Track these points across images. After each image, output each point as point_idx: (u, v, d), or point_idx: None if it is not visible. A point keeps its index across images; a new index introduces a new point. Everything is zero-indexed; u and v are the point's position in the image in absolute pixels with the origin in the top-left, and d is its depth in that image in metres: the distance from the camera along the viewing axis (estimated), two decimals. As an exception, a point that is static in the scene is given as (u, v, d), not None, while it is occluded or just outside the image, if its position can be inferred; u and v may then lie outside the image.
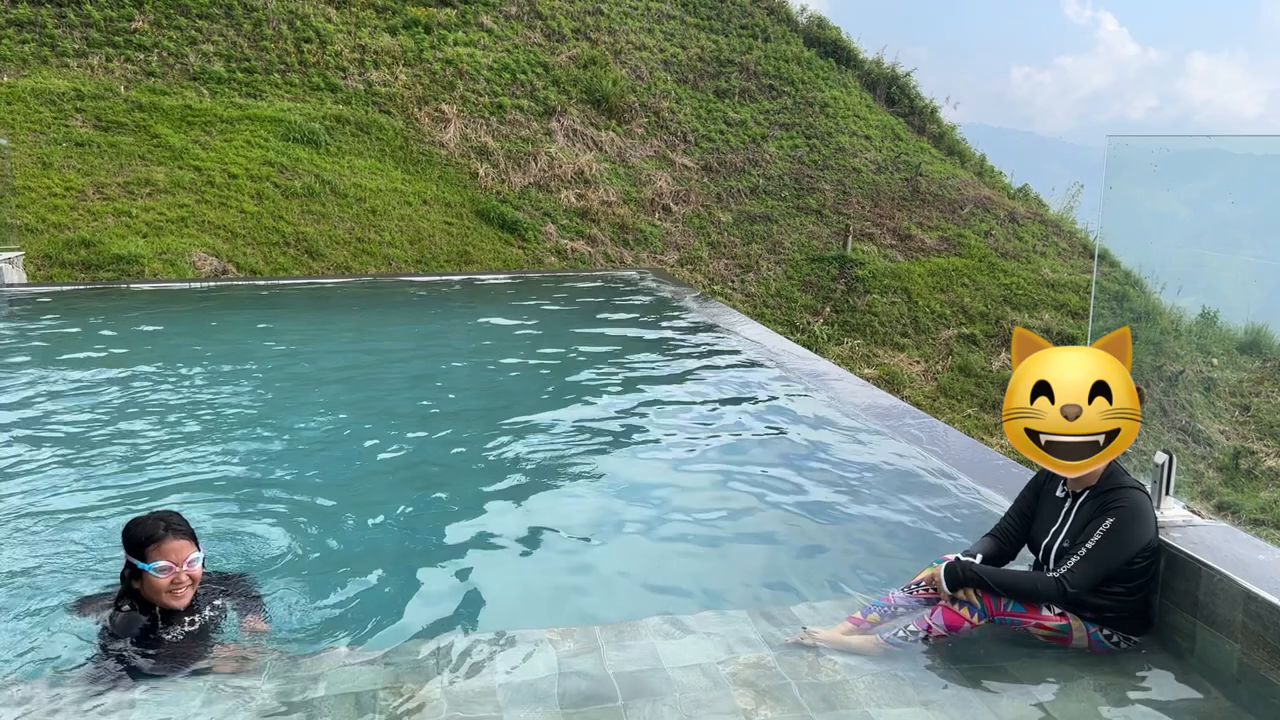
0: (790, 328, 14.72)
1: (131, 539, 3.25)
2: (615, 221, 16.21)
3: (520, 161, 16.55)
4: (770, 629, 3.52)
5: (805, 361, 7.89)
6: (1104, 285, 13.42)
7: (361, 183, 14.75)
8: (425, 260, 13.88)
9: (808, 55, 21.21)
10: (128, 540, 3.26)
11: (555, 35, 19.40)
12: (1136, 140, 4.84)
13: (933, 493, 4.93)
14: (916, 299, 15.59)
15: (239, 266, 12.53)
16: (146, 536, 3.22)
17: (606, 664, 3.27)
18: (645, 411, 6.49)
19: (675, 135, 18.56)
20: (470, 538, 4.43)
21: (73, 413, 6.16)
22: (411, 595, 3.87)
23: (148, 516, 3.36)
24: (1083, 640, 3.31)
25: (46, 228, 12.23)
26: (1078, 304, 15.78)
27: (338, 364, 7.89)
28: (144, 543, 3.22)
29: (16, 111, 14.03)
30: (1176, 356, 13.54)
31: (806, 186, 18.20)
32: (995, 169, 21.57)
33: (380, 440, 5.84)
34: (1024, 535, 3.57)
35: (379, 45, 17.60)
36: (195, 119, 15.00)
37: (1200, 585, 3.25)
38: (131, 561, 3.24)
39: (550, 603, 3.81)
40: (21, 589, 3.80)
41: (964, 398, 13.74)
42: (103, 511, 4.57)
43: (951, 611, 3.30)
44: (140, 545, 3.22)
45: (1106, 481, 3.34)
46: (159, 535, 3.22)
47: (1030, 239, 17.98)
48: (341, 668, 3.25)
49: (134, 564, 3.22)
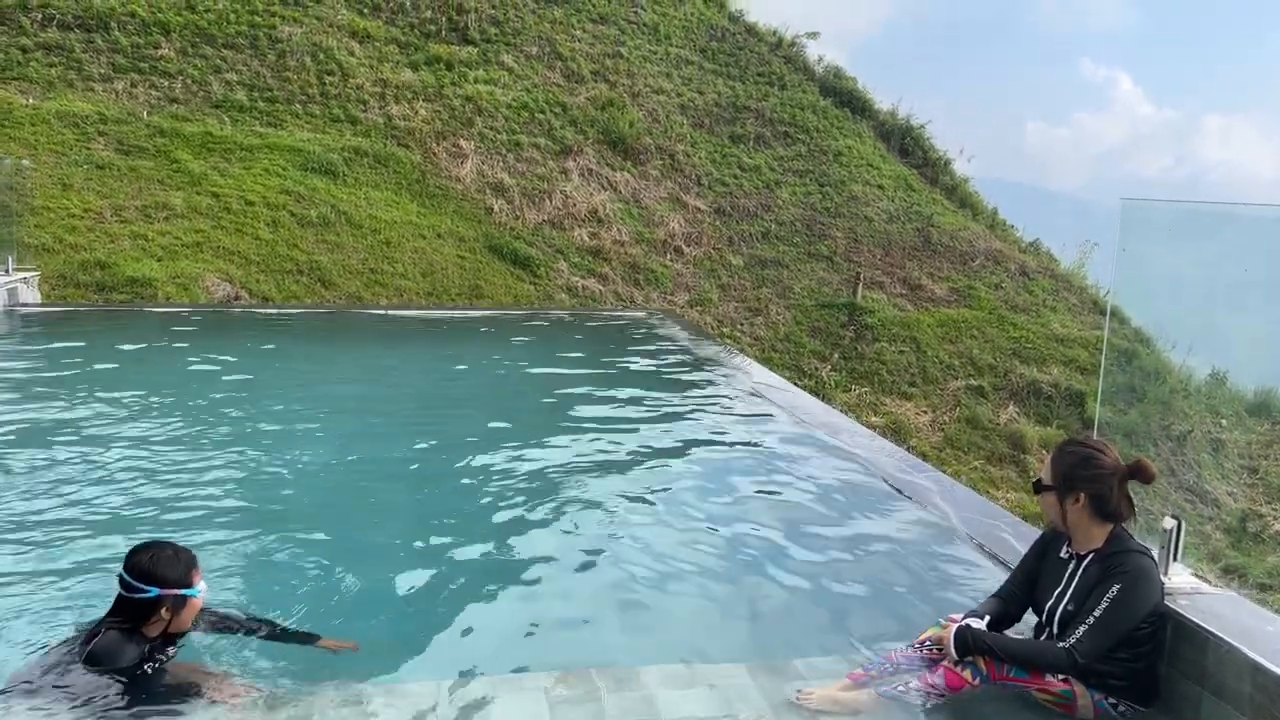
0: (798, 373, 14.70)
1: (172, 573, 3.22)
2: (627, 261, 16.28)
3: (535, 199, 16.67)
4: (769, 684, 3.48)
5: (815, 411, 7.86)
6: (1114, 343, 13.39)
7: (377, 214, 14.86)
8: (436, 293, 13.94)
9: (823, 104, 21.39)
10: (167, 576, 3.22)
11: (574, 76, 19.62)
12: (1150, 203, 4.86)
13: (939, 547, 4.88)
14: (925, 349, 15.58)
15: (251, 293, 12.59)
16: (189, 563, 3.28)
17: (604, 713, 3.23)
18: (653, 456, 6.46)
19: (689, 178, 18.69)
20: (467, 579, 4.39)
21: (66, 433, 6.15)
22: (405, 636, 3.83)
23: (164, 547, 3.31)
24: (1087, 709, 3.25)
25: (63, 248, 12.33)
26: (1087, 360, 15.75)
27: (342, 395, 7.89)
28: (188, 570, 3.27)
29: (40, 133, 14.21)
30: (1185, 416, 13.47)
31: (818, 233, 18.28)
32: (1007, 222, 21.62)
33: (377, 477, 5.82)
34: (1029, 597, 3.53)
35: (400, 80, 17.82)
36: (215, 146, 15.17)
37: (1208, 655, 3.20)
38: (174, 593, 3.21)
39: (547, 647, 3.78)
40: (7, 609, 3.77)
41: (971, 450, 13.67)
42: (92, 534, 4.56)
43: (954, 673, 3.25)
44: (185, 574, 3.25)
45: (1112, 544, 3.31)
46: (193, 559, 3.31)
47: (1040, 293, 18.00)
48: (334, 710, 3.21)
49: (178, 593, 3.21)
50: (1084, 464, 3.33)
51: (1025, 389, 14.98)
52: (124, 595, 3.22)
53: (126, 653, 3.16)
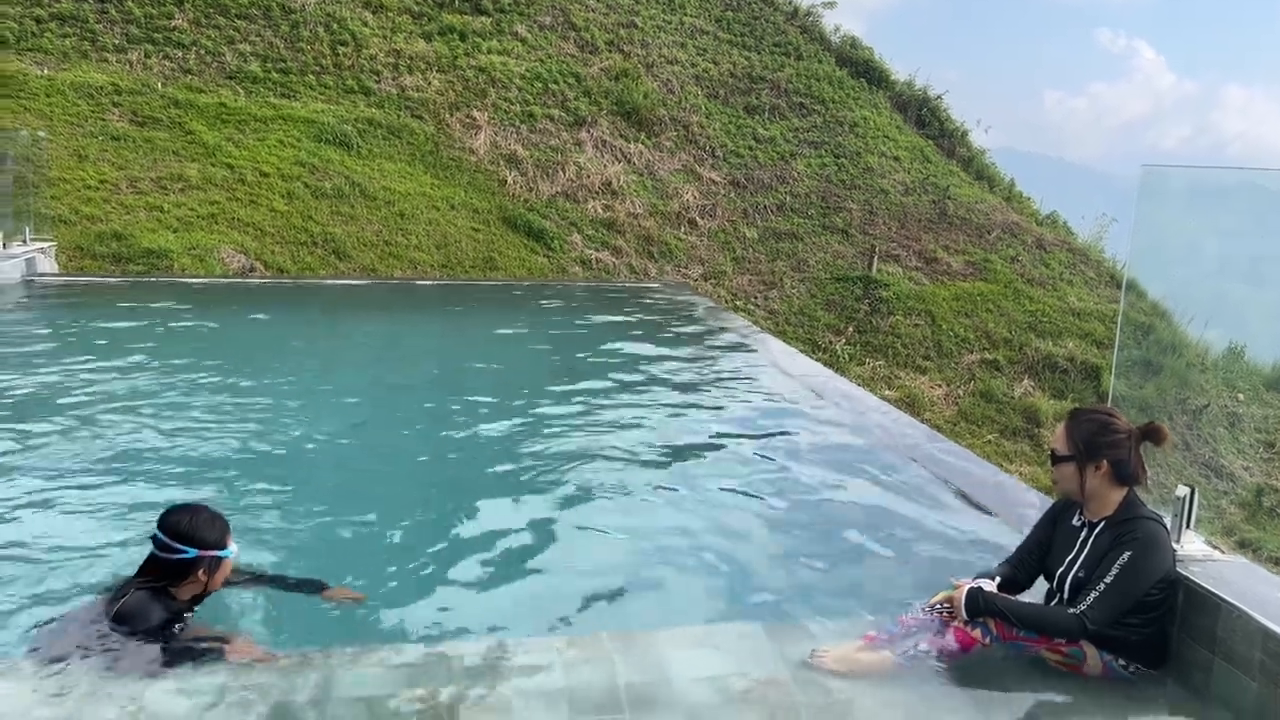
0: (812, 346, 14.67)
1: (210, 534, 3.30)
2: (640, 233, 16.24)
3: (549, 170, 16.62)
4: (783, 645, 3.50)
5: (829, 382, 7.86)
6: (1130, 316, 13.32)
7: (391, 186, 14.86)
8: (450, 265, 13.95)
9: (839, 75, 21.20)
10: (206, 537, 3.29)
11: (588, 46, 19.50)
12: (1170, 170, 4.81)
13: (952, 517, 4.90)
14: (940, 322, 15.51)
15: (267, 264, 12.63)
16: (224, 526, 3.37)
17: (617, 674, 3.27)
18: (666, 423, 6.49)
19: (704, 150, 18.59)
20: (484, 544, 4.43)
21: (87, 404, 6.21)
22: (422, 600, 3.87)
23: (199, 510, 3.38)
24: (1096, 667, 3.27)
25: (79, 219, 12.38)
26: (1103, 333, 15.66)
27: (363, 361, 7.94)
28: (224, 533, 3.35)
29: (55, 104, 14.23)
30: (1202, 390, 13.39)
31: (833, 205, 18.17)
32: (1024, 194, 21.44)
33: (396, 444, 5.87)
34: (1040, 565, 3.54)
35: (413, 50, 17.75)
36: (229, 117, 15.16)
37: (1219, 621, 3.21)
38: (212, 555, 3.29)
39: (561, 611, 3.81)
40: (29, 574, 3.83)
41: (985, 423, 13.64)
42: (118, 498, 4.62)
43: (964, 632, 3.27)
44: (221, 535, 3.34)
45: (1123, 511, 3.32)
46: (226, 522, 3.40)
47: (1057, 266, 17.87)
48: (351, 670, 3.26)
49: (215, 554, 3.30)
50: (1102, 431, 3.33)
51: (1040, 363, 14.91)
52: (158, 555, 3.27)
53: (153, 613, 3.21)
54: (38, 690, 3.00)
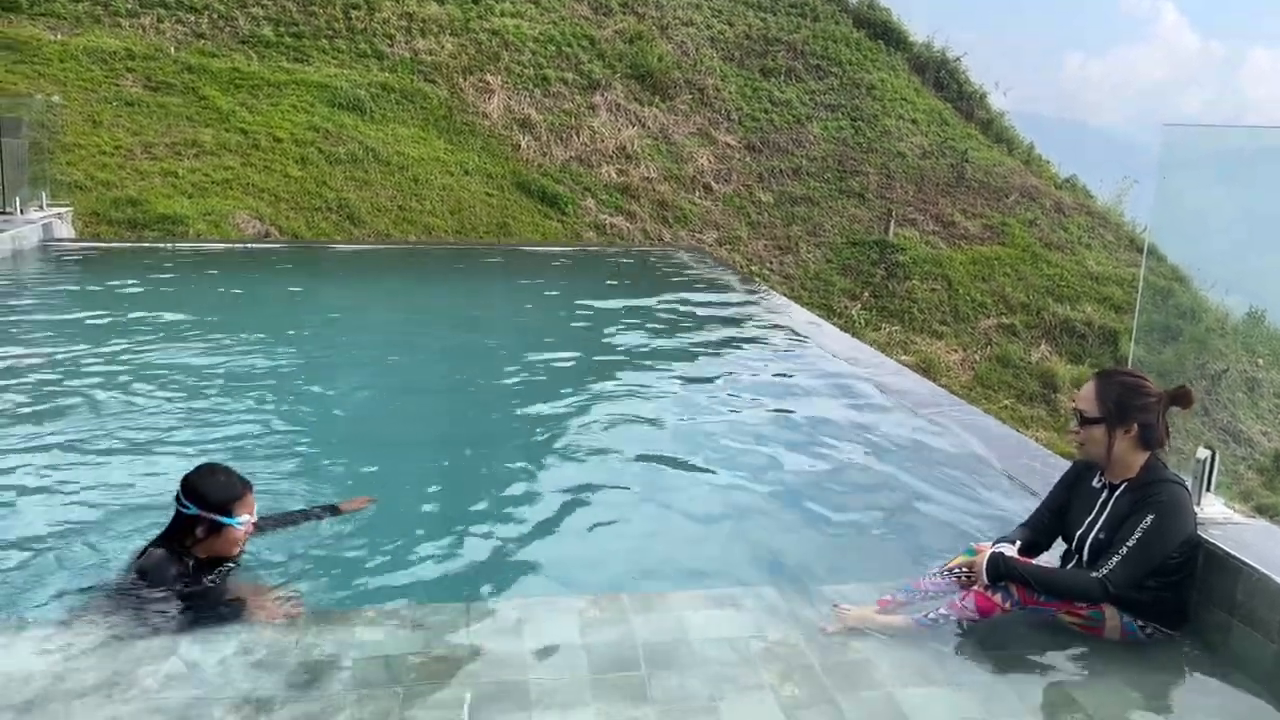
0: (828, 311, 14.61)
1: (214, 495, 3.30)
2: (655, 198, 16.16)
3: (562, 135, 16.52)
4: (800, 607, 3.52)
5: (845, 346, 7.84)
6: (1150, 280, 13.18)
7: (404, 151, 14.80)
8: (464, 230, 13.93)
9: (856, 36, 20.94)
10: (207, 497, 3.29)
11: (602, 9, 19.30)
12: (1192, 131, 4.74)
13: (970, 480, 4.89)
14: (957, 287, 15.42)
15: (281, 230, 12.64)
16: (234, 494, 3.33)
17: (634, 634, 3.29)
18: (686, 387, 6.49)
19: (719, 113, 18.42)
20: (502, 505, 4.46)
21: (108, 366, 6.26)
22: (441, 560, 3.90)
23: (219, 471, 3.40)
24: (1115, 629, 3.27)
25: (95, 185, 12.40)
26: (1121, 298, 15.52)
27: (385, 324, 7.98)
28: (231, 499, 3.31)
29: (69, 69, 14.21)
30: (1221, 355, 13.27)
31: (850, 169, 18.02)
32: (1043, 158, 21.19)
33: (416, 405, 5.89)
34: (1057, 529, 3.53)
35: (426, 14, 17.61)
36: (243, 82, 15.11)
37: (1239, 584, 3.20)
38: (210, 517, 3.28)
39: (580, 571, 3.84)
40: (50, 535, 3.87)
41: (1001, 388, 13.60)
42: (136, 458, 4.66)
43: (984, 596, 3.27)
44: (226, 502, 3.30)
45: (1146, 474, 3.29)
46: (241, 492, 3.35)
47: (1076, 230, 17.70)
48: (371, 628, 3.29)
49: (215, 519, 3.28)
50: (1133, 393, 3.28)
51: (1058, 327, 14.82)
52: (177, 510, 3.33)
53: (168, 570, 3.25)
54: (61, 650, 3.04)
